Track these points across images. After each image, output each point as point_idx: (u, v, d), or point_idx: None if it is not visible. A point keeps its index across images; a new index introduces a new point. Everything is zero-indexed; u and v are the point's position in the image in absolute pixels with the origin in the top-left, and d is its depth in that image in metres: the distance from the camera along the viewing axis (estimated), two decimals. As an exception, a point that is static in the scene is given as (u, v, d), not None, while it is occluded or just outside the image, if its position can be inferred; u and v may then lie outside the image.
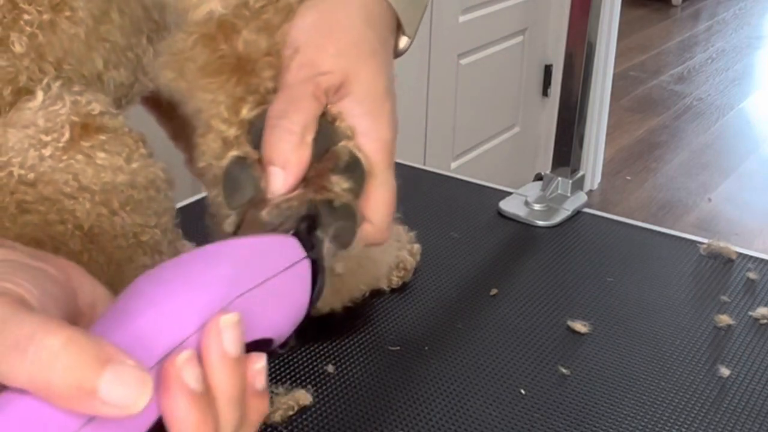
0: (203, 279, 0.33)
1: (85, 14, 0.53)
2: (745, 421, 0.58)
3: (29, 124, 0.49)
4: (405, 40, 0.55)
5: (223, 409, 0.32)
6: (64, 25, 0.52)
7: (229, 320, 0.32)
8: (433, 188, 0.93)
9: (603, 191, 2.82)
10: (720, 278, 0.76)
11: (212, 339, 0.32)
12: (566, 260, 0.79)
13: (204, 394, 0.31)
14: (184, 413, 0.30)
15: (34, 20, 0.50)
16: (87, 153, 0.49)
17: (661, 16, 4.77)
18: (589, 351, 0.65)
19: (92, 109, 0.50)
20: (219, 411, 0.32)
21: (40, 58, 0.52)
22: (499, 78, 2.38)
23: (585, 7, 0.87)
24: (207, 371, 0.31)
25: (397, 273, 0.73)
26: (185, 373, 0.30)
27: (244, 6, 0.50)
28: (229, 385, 0.32)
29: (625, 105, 3.50)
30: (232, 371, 0.32)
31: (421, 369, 0.63)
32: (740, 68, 4.03)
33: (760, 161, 3.05)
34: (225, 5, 0.50)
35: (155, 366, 0.30)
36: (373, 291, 0.71)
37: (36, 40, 0.51)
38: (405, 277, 0.74)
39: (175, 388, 0.30)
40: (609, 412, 0.59)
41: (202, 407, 0.30)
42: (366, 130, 0.48)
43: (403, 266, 0.74)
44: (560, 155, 0.92)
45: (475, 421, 0.57)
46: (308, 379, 0.61)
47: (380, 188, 0.48)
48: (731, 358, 0.65)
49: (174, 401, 0.30)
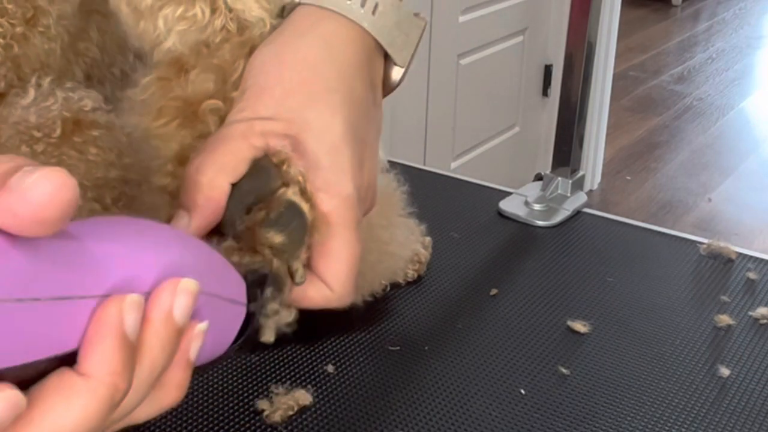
0: (174, 247, 0.32)
1: (60, 30, 0.52)
2: (745, 421, 0.58)
3: (21, 120, 0.49)
4: (398, 71, 0.51)
5: (143, 371, 0.29)
6: (37, 40, 0.51)
7: (190, 286, 0.30)
8: (433, 188, 0.93)
9: (603, 191, 2.82)
10: (720, 278, 0.76)
11: (164, 298, 0.30)
12: (566, 260, 0.79)
13: (131, 346, 0.28)
14: (105, 356, 0.27)
15: (6, 32, 0.49)
16: (79, 149, 0.48)
17: (661, 16, 4.77)
18: (589, 351, 0.65)
19: (84, 105, 0.50)
20: (138, 371, 0.29)
21: (17, 68, 0.51)
22: (499, 78, 2.38)
23: (585, 7, 0.87)
24: (145, 327, 0.29)
25: (412, 266, 0.74)
26: (127, 316, 0.28)
27: (203, 43, 0.48)
28: (158, 350, 0.30)
29: (625, 105, 3.50)
30: (168, 337, 0.30)
31: (421, 369, 0.63)
32: (740, 68, 4.03)
33: (760, 161, 3.05)
34: (183, 42, 0.48)
35: (98, 297, 0.28)
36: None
37: (12, 51, 0.50)
38: (420, 270, 0.74)
39: (109, 326, 0.28)
40: (609, 412, 0.59)
41: (123, 358, 0.28)
42: (322, 185, 0.43)
43: (418, 259, 0.74)
44: (560, 155, 0.92)
45: (475, 421, 0.57)
46: (308, 379, 0.61)
47: (341, 250, 0.44)
48: (731, 358, 0.65)
49: (101, 339, 0.27)
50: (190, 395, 0.59)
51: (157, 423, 0.56)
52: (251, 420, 0.57)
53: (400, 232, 0.69)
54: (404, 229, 0.71)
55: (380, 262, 0.67)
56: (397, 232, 0.69)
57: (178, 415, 0.57)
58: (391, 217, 0.68)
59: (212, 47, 0.48)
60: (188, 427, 0.56)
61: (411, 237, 0.73)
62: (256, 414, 0.57)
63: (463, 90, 2.22)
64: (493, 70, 2.34)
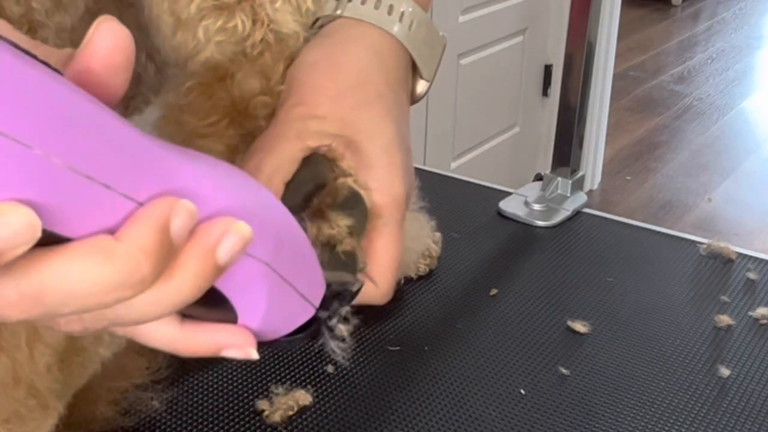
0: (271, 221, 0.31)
1: (59, 43, 0.52)
2: (745, 421, 0.58)
3: None
4: (423, 84, 0.53)
5: (166, 287, 0.27)
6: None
7: (244, 231, 0.28)
8: (433, 188, 0.93)
9: (603, 191, 2.82)
10: (720, 278, 0.76)
11: (215, 230, 0.28)
12: (566, 260, 0.79)
13: (170, 243, 0.26)
14: (143, 233, 0.26)
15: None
16: None
17: (661, 16, 4.77)
18: (589, 351, 0.65)
19: None
20: (161, 284, 0.27)
21: None
22: (499, 78, 2.38)
23: (585, 7, 0.87)
24: (186, 247, 0.27)
25: (424, 261, 0.74)
26: (176, 217, 0.26)
27: (242, 53, 0.49)
28: (189, 276, 0.27)
29: (625, 105, 3.50)
30: (203, 270, 0.28)
31: (421, 369, 0.63)
32: (740, 68, 4.03)
33: (760, 161, 3.05)
34: (221, 52, 0.48)
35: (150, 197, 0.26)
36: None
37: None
38: (431, 265, 0.75)
39: (156, 214, 0.26)
40: (609, 412, 0.59)
41: (158, 243, 0.26)
42: (375, 184, 0.44)
43: (429, 254, 0.75)
44: (560, 155, 0.92)
45: (475, 421, 0.57)
46: (308, 379, 0.61)
47: (388, 247, 0.45)
48: (731, 358, 0.65)
49: (145, 220, 0.26)
50: (190, 395, 0.59)
51: (158, 423, 0.56)
52: (251, 420, 0.57)
53: (412, 227, 0.69)
54: (416, 224, 0.71)
55: None
56: (409, 226, 0.69)
57: (178, 414, 0.57)
58: None
59: (251, 57, 0.49)
60: (188, 427, 0.56)
61: (422, 231, 0.73)
62: (256, 414, 0.57)
63: (463, 90, 2.22)
64: (493, 70, 2.34)
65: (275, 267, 0.32)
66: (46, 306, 0.25)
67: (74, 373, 0.44)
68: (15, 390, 0.39)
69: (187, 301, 0.28)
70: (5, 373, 0.38)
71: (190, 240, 0.28)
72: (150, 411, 0.57)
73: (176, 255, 0.27)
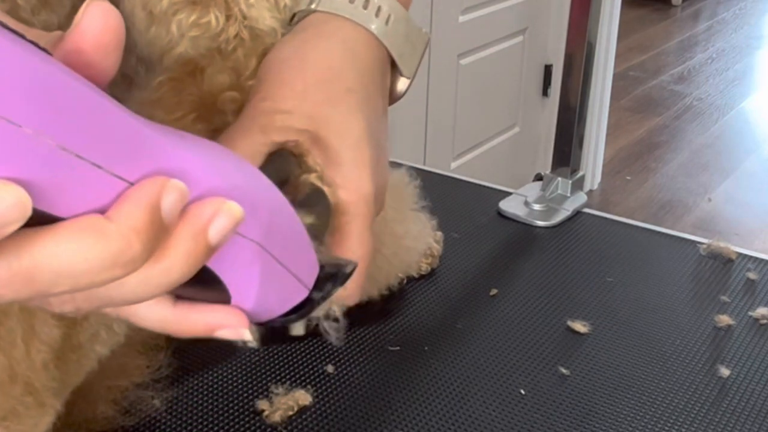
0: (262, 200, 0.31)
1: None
2: (745, 421, 0.58)
3: None
4: (404, 82, 0.52)
5: (157, 266, 0.27)
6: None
7: (235, 211, 0.28)
8: (433, 188, 0.93)
9: (603, 191, 2.82)
10: (720, 278, 0.76)
11: (206, 210, 0.28)
12: (566, 260, 0.79)
13: (161, 222, 0.26)
14: (134, 212, 0.25)
15: None
16: None
17: (661, 16, 4.78)
18: (589, 351, 0.65)
19: None
20: (152, 263, 0.27)
21: None
22: (499, 78, 2.38)
23: (585, 7, 0.87)
24: (177, 227, 0.27)
25: (426, 260, 0.74)
26: (166, 195, 0.26)
27: (216, 49, 0.48)
28: (180, 256, 0.27)
29: (625, 105, 3.50)
30: (194, 251, 0.28)
31: (421, 369, 0.63)
32: (740, 68, 4.03)
33: (760, 161, 3.05)
34: (195, 47, 0.48)
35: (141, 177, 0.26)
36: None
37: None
38: (433, 264, 0.75)
39: (147, 193, 0.26)
40: (609, 412, 0.59)
41: (149, 222, 0.26)
42: (342, 181, 0.43)
43: (431, 253, 0.75)
44: (560, 155, 0.92)
45: (475, 421, 0.57)
46: (308, 379, 0.61)
47: (355, 247, 0.44)
48: (731, 358, 0.65)
49: (135, 200, 0.26)
50: (190, 395, 0.59)
51: (158, 422, 0.56)
52: (251, 420, 0.57)
53: (413, 226, 0.70)
54: (417, 223, 0.71)
55: (396, 255, 0.67)
56: (411, 225, 0.69)
57: (178, 414, 0.57)
58: (404, 210, 0.68)
59: (224, 53, 0.48)
60: (188, 427, 0.56)
61: (424, 230, 0.73)
62: (256, 414, 0.57)
63: (463, 90, 2.22)
64: (493, 70, 2.34)
65: (267, 247, 0.32)
66: (38, 285, 0.25)
67: (71, 371, 0.43)
68: (11, 387, 0.39)
69: (178, 281, 0.28)
70: (1, 371, 0.38)
71: (181, 219, 0.27)
72: (150, 410, 0.57)
73: (168, 235, 0.27)
